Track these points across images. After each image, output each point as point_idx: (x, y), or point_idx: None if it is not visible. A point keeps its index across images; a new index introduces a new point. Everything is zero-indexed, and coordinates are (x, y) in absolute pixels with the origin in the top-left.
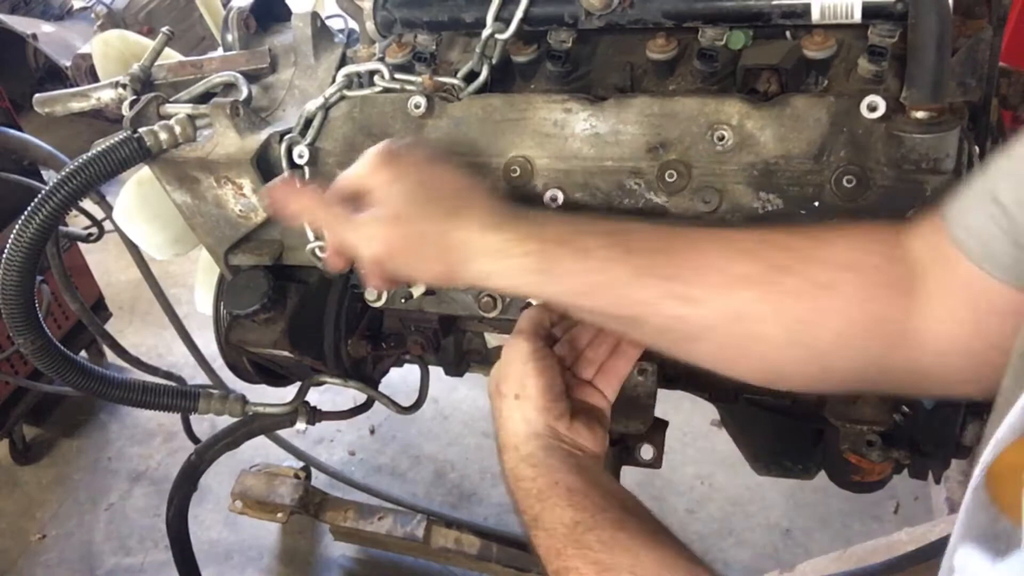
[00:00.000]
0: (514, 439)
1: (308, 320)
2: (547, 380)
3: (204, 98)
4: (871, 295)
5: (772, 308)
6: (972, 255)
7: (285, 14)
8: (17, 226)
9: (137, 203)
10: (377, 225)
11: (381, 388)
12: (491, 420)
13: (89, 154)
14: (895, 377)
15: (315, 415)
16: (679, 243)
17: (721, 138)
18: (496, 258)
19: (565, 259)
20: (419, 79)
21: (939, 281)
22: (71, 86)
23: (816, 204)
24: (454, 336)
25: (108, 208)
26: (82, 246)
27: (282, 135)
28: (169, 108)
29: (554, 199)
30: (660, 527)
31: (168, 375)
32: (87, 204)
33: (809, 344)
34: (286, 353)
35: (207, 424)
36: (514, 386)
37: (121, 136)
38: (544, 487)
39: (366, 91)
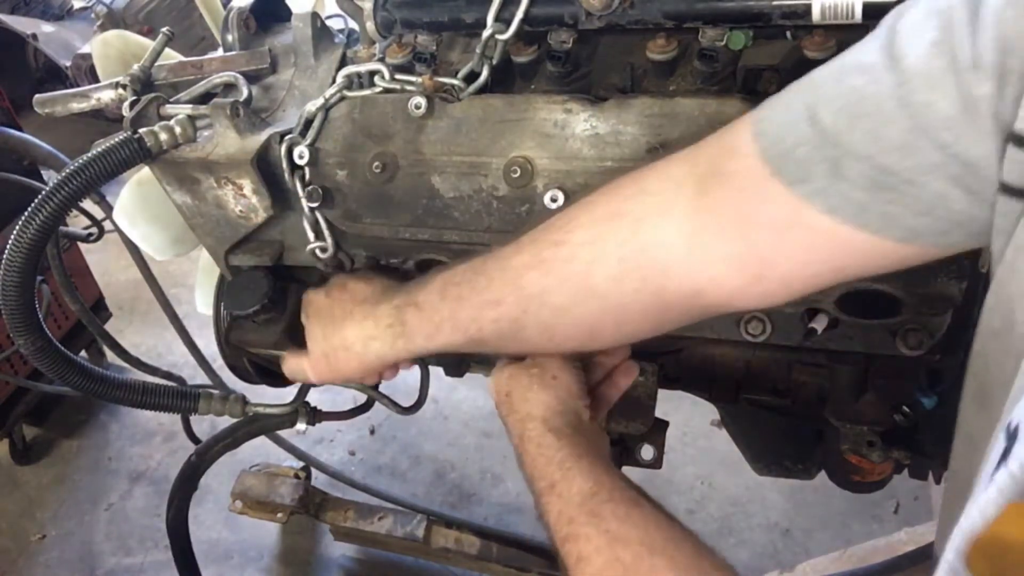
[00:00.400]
0: (544, 411)
1: None
2: (582, 377)
3: (204, 99)
4: (634, 231)
5: (552, 279)
6: (787, 176)
7: (285, 14)
8: (17, 227)
9: (137, 203)
10: (304, 362)
11: (381, 388)
12: (491, 420)
13: (89, 155)
14: (678, 306)
15: (315, 416)
16: (476, 264)
17: None
18: (376, 340)
19: (410, 317)
20: (419, 79)
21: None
22: (71, 86)
23: None
24: None
25: (108, 208)
26: (82, 246)
27: (282, 136)
28: (169, 109)
29: (554, 199)
30: (669, 513)
31: (168, 375)
32: (87, 204)
33: (595, 295)
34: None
35: (207, 424)
36: (552, 370)
37: (121, 137)
38: (567, 457)
39: (366, 92)
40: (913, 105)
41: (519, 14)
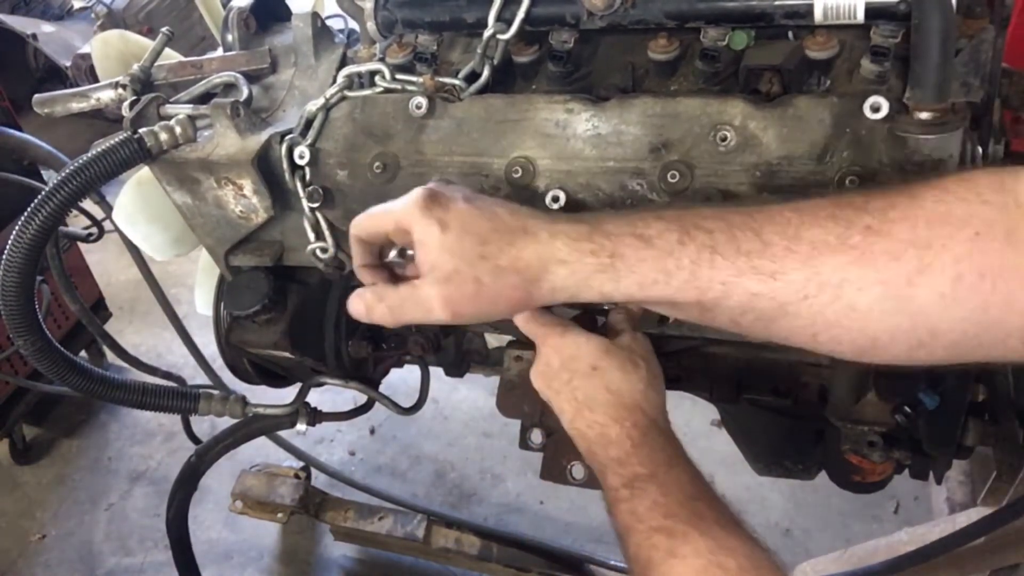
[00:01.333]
0: (644, 403)
1: (309, 321)
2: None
3: (204, 99)
4: (979, 248)
5: (864, 272)
6: None
7: (285, 14)
8: (17, 227)
9: (137, 204)
10: (435, 290)
11: (381, 389)
12: (491, 420)
13: (89, 155)
14: (1009, 341)
15: (315, 416)
16: (738, 219)
17: (724, 139)
18: (565, 265)
19: (630, 250)
20: (420, 79)
21: None
22: (71, 86)
23: None
24: (454, 337)
25: (108, 208)
26: (82, 246)
27: (283, 136)
28: (169, 109)
29: (556, 199)
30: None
31: (168, 375)
32: (87, 204)
33: (911, 309)
34: (286, 354)
35: (207, 424)
36: (639, 351)
37: (121, 137)
38: (675, 454)
39: (367, 92)
40: None
41: (520, 14)
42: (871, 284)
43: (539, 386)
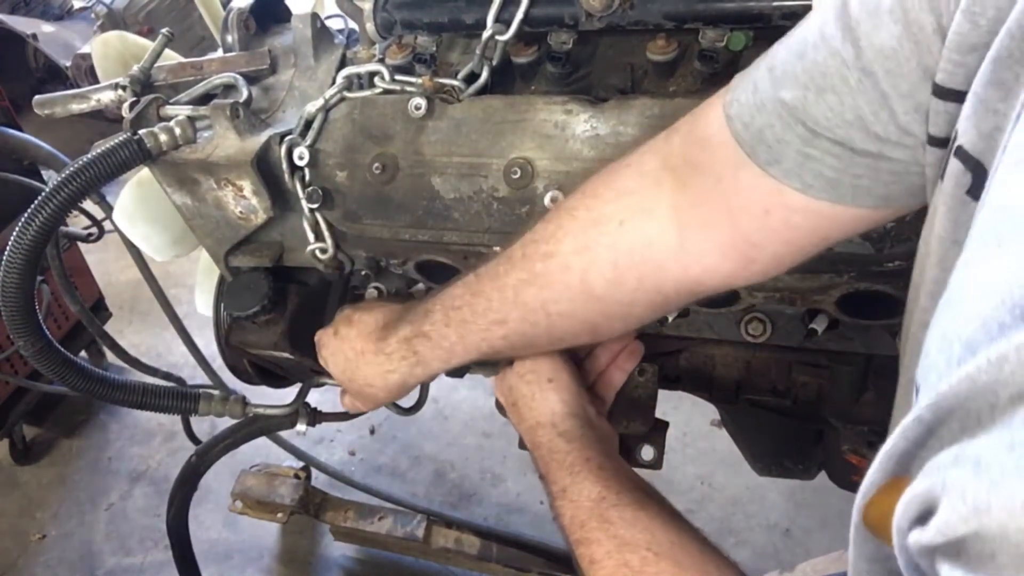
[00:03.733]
0: (550, 417)
1: (308, 321)
2: (575, 371)
3: (204, 99)
4: (624, 232)
5: (552, 292)
6: (758, 159)
7: (285, 15)
8: (18, 227)
9: (137, 204)
10: (346, 396)
11: None
12: (491, 420)
13: (89, 156)
14: (678, 296)
15: (315, 416)
16: (475, 284)
17: None
18: (392, 373)
19: (422, 348)
20: (419, 80)
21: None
22: (71, 86)
23: None
24: None
25: (108, 208)
26: (82, 246)
27: (282, 137)
28: (169, 110)
29: (555, 200)
30: (675, 511)
31: (168, 376)
32: (87, 204)
33: (590, 301)
34: (286, 355)
35: (207, 424)
36: (546, 373)
37: (121, 138)
38: (576, 461)
39: (366, 92)
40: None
41: (519, 15)
42: (560, 296)
43: (513, 424)
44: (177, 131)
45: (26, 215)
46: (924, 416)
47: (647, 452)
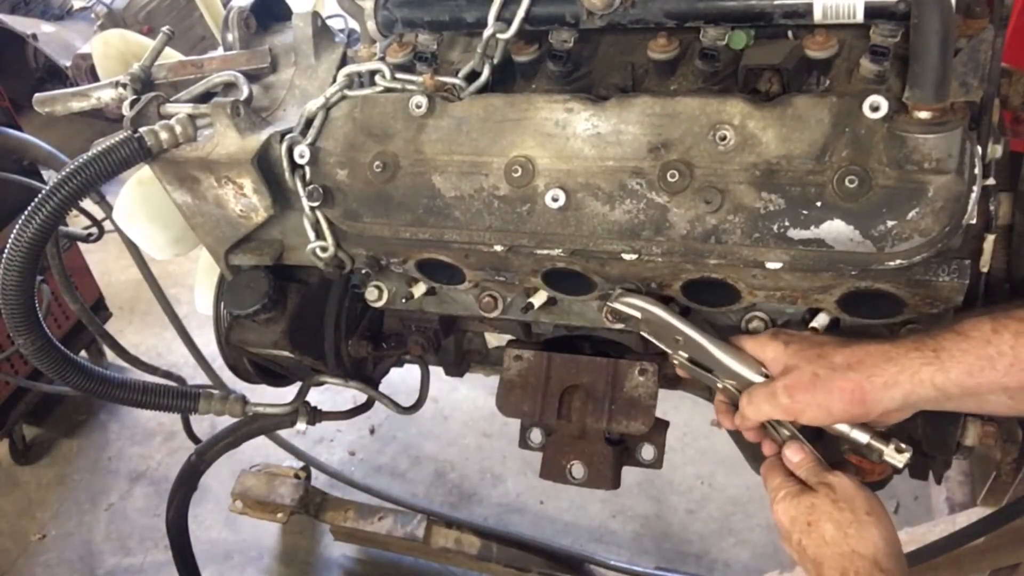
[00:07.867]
0: (873, 551)
1: (309, 320)
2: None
3: (205, 98)
4: None
5: None
6: None
7: (285, 14)
8: (17, 226)
9: (137, 203)
10: (780, 382)
11: (381, 388)
12: (491, 420)
13: (89, 154)
14: None
15: (315, 415)
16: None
17: (723, 138)
18: (894, 362)
19: (950, 343)
20: (420, 79)
21: None
22: (71, 86)
23: (818, 204)
24: (454, 336)
25: (108, 208)
26: (82, 246)
27: (283, 135)
28: (169, 108)
29: (555, 199)
30: None
31: (168, 375)
32: (87, 204)
33: None
34: (286, 353)
35: (207, 424)
36: (863, 506)
37: (121, 136)
38: None
39: (367, 91)
40: None
41: (520, 13)
42: None
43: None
44: (178, 129)
45: (26, 213)
46: None
47: (647, 452)
